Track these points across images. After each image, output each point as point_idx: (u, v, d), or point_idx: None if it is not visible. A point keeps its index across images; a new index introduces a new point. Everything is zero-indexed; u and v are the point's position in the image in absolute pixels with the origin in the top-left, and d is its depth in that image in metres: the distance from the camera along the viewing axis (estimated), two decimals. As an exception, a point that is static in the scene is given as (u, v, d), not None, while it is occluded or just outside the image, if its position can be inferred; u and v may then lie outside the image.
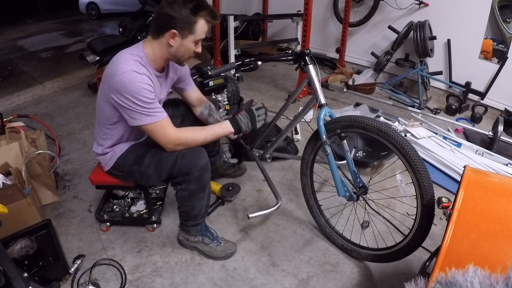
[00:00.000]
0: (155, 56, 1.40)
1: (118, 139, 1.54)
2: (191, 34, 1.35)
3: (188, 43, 1.36)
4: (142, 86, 1.30)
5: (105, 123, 1.48)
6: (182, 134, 1.43)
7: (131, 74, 1.29)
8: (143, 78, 1.31)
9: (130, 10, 6.05)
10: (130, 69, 1.30)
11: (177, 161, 1.44)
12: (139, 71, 1.31)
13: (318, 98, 1.54)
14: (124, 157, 1.54)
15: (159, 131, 1.38)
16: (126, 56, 1.34)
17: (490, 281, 0.61)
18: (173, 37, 1.34)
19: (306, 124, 2.72)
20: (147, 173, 1.50)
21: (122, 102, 1.31)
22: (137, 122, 1.35)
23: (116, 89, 1.30)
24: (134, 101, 1.30)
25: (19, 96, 3.56)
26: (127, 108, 1.32)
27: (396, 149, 1.35)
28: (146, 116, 1.34)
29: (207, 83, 2.19)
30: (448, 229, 0.97)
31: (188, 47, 1.38)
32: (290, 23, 3.98)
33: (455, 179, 2.18)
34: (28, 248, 1.54)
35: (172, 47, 1.36)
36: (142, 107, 1.32)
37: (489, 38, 2.99)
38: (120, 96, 1.30)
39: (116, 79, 1.29)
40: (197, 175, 1.46)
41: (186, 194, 1.52)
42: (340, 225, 1.79)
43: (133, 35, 3.48)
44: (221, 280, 1.57)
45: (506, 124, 2.70)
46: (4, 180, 1.68)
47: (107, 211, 1.87)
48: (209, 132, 1.51)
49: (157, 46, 1.38)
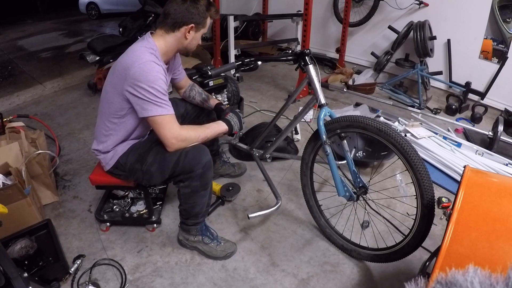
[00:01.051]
0: (167, 49, 1.46)
1: (123, 135, 1.54)
2: (203, 28, 1.48)
3: (199, 36, 1.50)
4: (159, 76, 1.36)
5: (112, 116, 1.49)
6: (186, 131, 1.46)
7: (151, 64, 1.35)
8: (160, 69, 1.38)
9: (130, 10, 6.06)
10: (149, 59, 1.35)
11: (180, 159, 1.45)
12: (157, 62, 1.39)
13: (318, 98, 1.54)
14: (126, 156, 1.55)
15: (167, 124, 1.40)
16: (141, 49, 1.39)
17: (490, 281, 0.61)
18: (190, 31, 1.44)
19: (306, 124, 2.72)
20: (149, 171, 1.50)
21: (137, 92, 1.34)
22: (147, 112, 1.37)
23: (134, 79, 1.33)
24: (150, 91, 1.34)
25: (19, 96, 3.55)
26: (141, 98, 1.35)
27: (396, 149, 1.35)
28: (158, 107, 1.36)
29: (207, 83, 2.20)
30: (448, 229, 0.97)
31: (198, 40, 1.51)
32: (290, 23, 3.98)
33: (455, 179, 2.18)
34: (28, 248, 1.54)
35: (187, 39, 1.46)
36: (156, 97, 1.35)
37: (489, 38, 2.99)
38: (137, 86, 1.33)
39: (134, 69, 1.33)
40: (200, 173, 1.47)
41: (189, 192, 1.52)
42: (340, 225, 1.79)
43: (133, 35, 3.48)
44: (221, 280, 1.57)
45: (506, 124, 2.70)
46: (4, 180, 1.68)
47: (107, 211, 1.87)
48: (209, 129, 1.55)
49: (171, 39, 1.45)
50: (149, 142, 1.57)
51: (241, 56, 3.60)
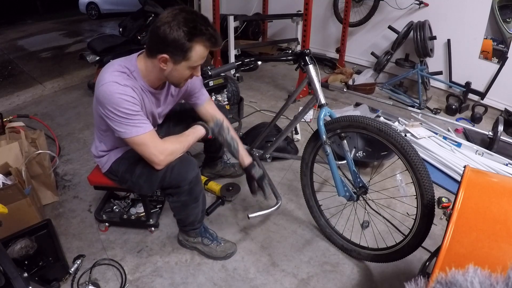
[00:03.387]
0: (148, 74, 1.32)
1: (112, 144, 1.51)
2: (185, 61, 1.24)
3: (181, 68, 1.26)
4: (123, 98, 1.23)
5: (99, 128, 1.47)
6: (170, 144, 1.37)
7: (112, 86, 1.23)
8: (125, 89, 1.24)
9: (130, 10, 6.05)
10: (112, 80, 1.24)
11: (166, 174, 1.40)
12: (121, 82, 1.24)
13: (318, 98, 1.54)
14: (118, 163, 1.52)
15: (149, 143, 1.30)
16: (114, 67, 1.29)
17: (490, 281, 0.61)
18: (164, 62, 1.25)
19: (306, 124, 2.72)
20: (138, 183, 1.47)
21: (106, 114, 1.26)
22: (124, 134, 1.28)
23: (98, 100, 1.26)
24: (116, 113, 1.24)
25: (19, 96, 3.55)
26: (112, 119, 1.26)
27: (396, 149, 1.35)
28: (132, 127, 1.26)
29: (207, 83, 2.20)
30: (448, 229, 0.97)
31: (182, 73, 1.29)
32: (290, 23, 3.98)
33: (455, 179, 2.18)
34: (28, 248, 1.54)
35: (164, 70, 1.28)
36: (126, 119, 1.25)
37: (489, 38, 2.99)
38: (103, 107, 1.26)
39: (98, 90, 1.25)
40: (187, 189, 1.45)
41: (179, 205, 1.52)
42: (340, 225, 1.79)
43: (133, 35, 3.49)
44: (221, 280, 1.57)
45: (506, 124, 2.70)
46: (4, 180, 1.68)
47: (107, 211, 1.86)
48: (190, 136, 1.45)
49: (150, 66, 1.30)
50: None
51: (241, 56, 3.59)
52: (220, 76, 2.33)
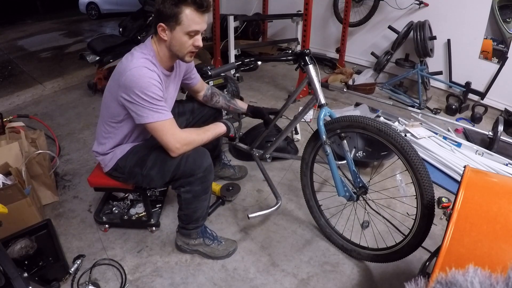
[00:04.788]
0: (161, 54, 1.41)
1: (121, 139, 1.53)
2: (178, 25, 1.32)
3: (178, 35, 1.34)
4: (151, 82, 1.31)
5: (110, 121, 1.48)
6: (189, 134, 1.44)
7: (142, 70, 1.30)
8: (153, 74, 1.33)
9: (130, 10, 6.05)
10: (140, 65, 1.31)
11: (181, 163, 1.43)
12: (150, 67, 1.33)
13: (318, 98, 1.54)
14: (125, 159, 1.53)
15: (168, 130, 1.36)
16: (136, 54, 1.36)
17: (490, 281, 0.61)
18: (163, 31, 1.34)
19: (306, 124, 2.72)
20: (149, 175, 1.49)
21: (131, 99, 1.31)
22: (144, 119, 1.33)
23: (125, 85, 1.31)
24: (142, 97, 1.30)
25: (19, 96, 3.56)
26: (136, 104, 1.32)
27: (396, 149, 1.35)
28: (154, 112, 1.33)
29: (207, 83, 2.19)
30: (448, 229, 0.97)
31: (180, 40, 1.35)
32: (290, 23, 3.98)
33: (455, 179, 2.18)
34: (28, 248, 1.54)
35: (165, 41, 1.37)
36: (150, 103, 1.31)
37: (489, 38, 2.99)
38: (130, 92, 1.30)
39: (126, 75, 1.30)
40: (201, 176, 1.46)
41: (190, 197, 1.51)
42: (340, 225, 1.79)
43: (133, 35, 3.49)
44: (221, 280, 1.57)
45: (506, 124, 2.70)
46: (4, 180, 1.68)
47: (106, 213, 1.86)
48: (209, 131, 1.54)
49: (157, 43, 1.40)
50: (149, 145, 1.54)
51: (241, 56, 3.60)
52: (220, 76, 2.33)
